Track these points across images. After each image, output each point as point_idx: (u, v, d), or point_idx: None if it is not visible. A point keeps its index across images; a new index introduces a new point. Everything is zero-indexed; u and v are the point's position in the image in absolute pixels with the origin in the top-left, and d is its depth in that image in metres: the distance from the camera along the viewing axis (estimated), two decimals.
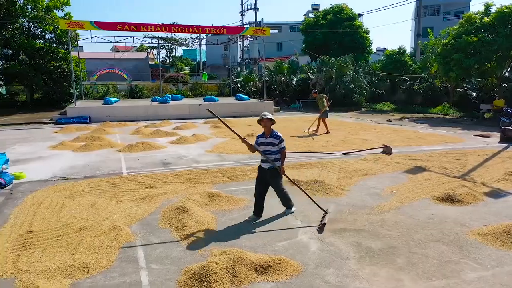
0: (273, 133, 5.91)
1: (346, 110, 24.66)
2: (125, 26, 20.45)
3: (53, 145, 12.44)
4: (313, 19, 34.92)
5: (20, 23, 24.26)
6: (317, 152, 11.07)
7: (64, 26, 20.58)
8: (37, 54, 23.91)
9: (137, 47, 58.42)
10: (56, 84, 25.02)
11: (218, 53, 64.00)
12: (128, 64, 46.68)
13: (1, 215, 6.28)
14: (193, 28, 22.51)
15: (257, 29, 26.04)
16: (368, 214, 6.25)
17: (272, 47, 51.21)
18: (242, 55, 50.67)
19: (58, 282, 4.18)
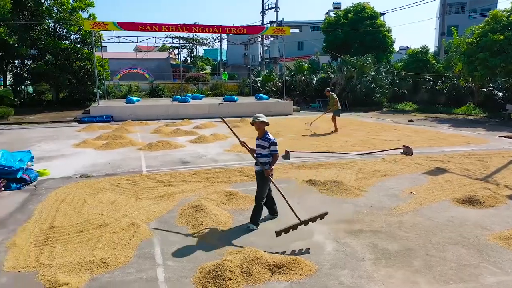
0: (265, 136, 5.62)
1: (367, 110, 24.39)
2: (146, 26, 20.77)
3: (76, 143, 12.75)
4: (334, 18, 34.64)
5: (46, 24, 24.92)
6: (336, 152, 10.99)
7: (88, 27, 21.05)
8: (62, 54, 24.51)
9: (159, 47, 59.16)
10: (80, 83, 25.60)
11: (239, 53, 64.20)
12: (150, 64, 47.35)
13: (26, 211, 6.50)
14: (214, 28, 22.66)
15: (277, 29, 26.01)
16: (385, 216, 6.18)
17: (293, 47, 51.06)
18: (263, 54, 50.69)
19: (78, 277, 4.31)
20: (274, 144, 5.59)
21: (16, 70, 26.51)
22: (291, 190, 7.48)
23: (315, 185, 7.71)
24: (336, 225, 5.79)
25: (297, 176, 8.46)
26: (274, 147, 5.59)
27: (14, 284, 4.22)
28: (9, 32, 21.96)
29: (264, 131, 5.65)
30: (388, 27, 33.07)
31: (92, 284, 4.19)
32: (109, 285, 4.17)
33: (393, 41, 33.10)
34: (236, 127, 16.44)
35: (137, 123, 18.04)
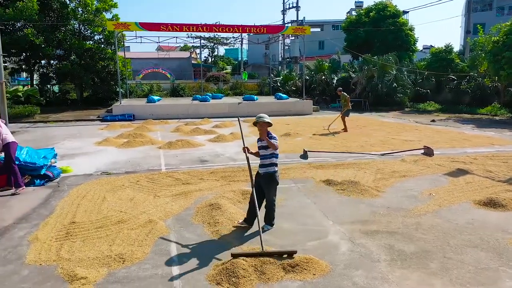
0: (268, 135, 5.47)
1: (388, 110, 24.06)
2: (168, 26, 21.04)
3: (98, 141, 13.03)
4: (355, 17, 34.28)
5: (71, 25, 25.54)
6: (354, 152, 10.89)
7: (111, 27, 21.47)
8: (86, 54, 25.08)
9: (180, 47, 59.80)
10: (103, 83, 26.16)
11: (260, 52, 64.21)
12: (172, 64, 47.93)
13: (49, 206, 6.69)
14: (234, 28, 22.76)
15: (297, 28, 25.91)
16: (403, 217, 6.10)
17: (314, 46, 50.78)
18: (283, 54, 50.58)
19: (95, 271, 4.42)
20: (274, 138, 5.50)
21: (43, 70, 27.29)
22: (308, 190, 7.47)
23: (332, 185, 7.67)
24: (352, 225, 5.75)
25: (315, 176, 8.43)
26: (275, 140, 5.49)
27: (35, 276, 4.36)
28: (36, 33, 22.62)
29: (267, 132, 5.48)
30: (411, 25, 32.51)
31: (109, 279, 4.29)
32: (125, 280, 4.26)
33: (416, 40, 32.52)
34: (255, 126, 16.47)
35: (157, 122, 18.30)
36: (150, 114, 19.89)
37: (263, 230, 5.30)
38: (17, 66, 26.55)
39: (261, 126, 5.48)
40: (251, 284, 4.13)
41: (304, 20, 51.40)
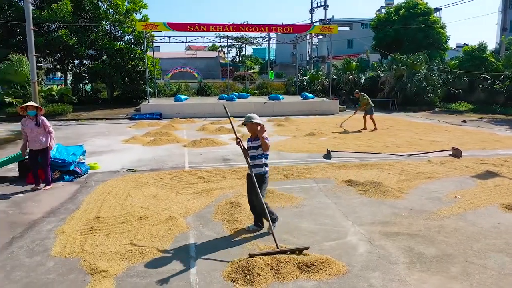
0: (257, 136, 5.34)
1: (417, 110, 23.50)
2: (195, 26, 21.31)
3: (126, 139, 13.37)
4: (385, 15, 33.64)
5: (103, 26, 26.28)
6: (379, 153, 10.72)
7: (140, 28, 21.95)
8: (117, 54, 25.75)
9: (209, 46, 60.44)
10: (133, 82, 26.79)
11: (288, 52, 64.07)
12: (200, 63, 48.54)
13: (76, 201, 6.94)
14: (260, 27, 22.79)
15: (324, 27, 25.69)
16: (425, 219, 5.97)
17: (343, 45, 50.19)
18: (311, 53, 50.24)
19: (116, 264, 4.56)
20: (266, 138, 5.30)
21: (76, 69, 28.23)
22: (329, 190, 7.43)
23: (354, 186, 7.59)
24: (372, 226, 5.68)
25: (337, 176, 8.36)
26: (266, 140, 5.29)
27: (59, 268, 4.54)
28: (70, 34, 23.41)
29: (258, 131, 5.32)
30: (443, 23, 31.60)
31: (128, 272, 4.41)
32: (144, 274, 4.37)
33: (448, 38, 31.61)
34: (280, 125, 16.51)
35: (184, 120, 18.58)
36: (177, 113, 20.21)
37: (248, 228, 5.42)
38: (52, 66, 27.57)
39: (250, 127, 5.34)
40: (266, 282, 4.16)
41: (333, 19, 50.90)
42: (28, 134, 7.54)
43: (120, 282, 4.22)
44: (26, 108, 7.59)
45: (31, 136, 7.52)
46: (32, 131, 7.50)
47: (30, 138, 7.54)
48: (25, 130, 7.58)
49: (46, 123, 7.66)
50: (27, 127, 7.53)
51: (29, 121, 7.55)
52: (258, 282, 4.14)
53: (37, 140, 7.54)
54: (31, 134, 7.51)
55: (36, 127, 7.52)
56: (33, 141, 7.54)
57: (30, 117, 7.57)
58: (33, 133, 7.50)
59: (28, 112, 7.55)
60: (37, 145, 7.57)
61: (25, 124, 7.58)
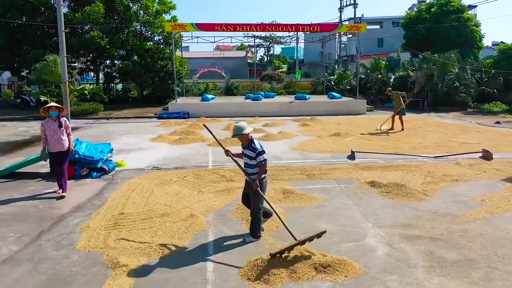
0: (250, 145, 5.16)
1: (448, 110, 22.82)
2: (222, 26, 21.50)
3: (153, 137, 13.66)
4: (415, 13, 32.80)
5: (134, 27, 26.90)
6: (405, 154, 10.50)
7: (169, 28, 22.33)
8: (146, 54, 26.30)
9: (237, 46, 60.74)
10: (162, 82, 27.29)
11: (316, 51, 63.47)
12: (228, 63, 48.83)
13: (102, 197, 7.18)
14: (287, 27, 22.73)
15: (352, 26, 25.33)
16: (449, 223, 5.83)
17: (373, 44, 49.33)
18: (339, 52, 49.65)
19: (136, 260, 4.70)
20: (261, 153, 5.11)
21: (107, 69, 29.03)
22: (350, 191, 7.36)
23: (377, 187, 7.48)
24: (392, 229, 5.60)
25: (360, 177, 8.27)
26: (261, 157, 5.11)
27: (83, 261, 4.72)
28: (102, 35, 24.09)
29: (249, 140, 5.19)
30: (477, 21, 30.53)
31: (148, 268, 4.54)
32: (162, 270, 4.49)
33: (482, 36, 30.49)
34: (306, 125, 16.43)
35: (210, 119, 18.78)
36: (204, 112, 20.45)
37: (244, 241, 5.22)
38: (85, 66, 28.46)
39: (240, 139, 5.24)
40: (281, 282, 4.18)
41: (362, 18, 50.10)
42: (49, 137, 7.17)
43: (139, 276, 4.35)
44: (48, 109, 7.22)
45: (53, 138, 7.17)
46: (55, 132, 7.17)
47: (52, 141, 7.18)
48: (46, 132, 7.17)
49: (68, 124, 7.45)
50: (49, 129, 7.16)
51: (51, 122, 7.21)
52: (274, 282, 4.18)
53: (60, 142, 7.23)
54: (53, 136, 7.16)
55: (59, 128, 7.19)
56: (56, 143, 7.20)
57: (53, 119, 7.24)
58: (56, 135, 7.18)
59: (51, 113, 7.21)
60: (60, 147, 7.25)
61: (46, 126, 7.19)
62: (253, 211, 5.24)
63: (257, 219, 5.25)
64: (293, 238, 4.75)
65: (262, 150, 5.16)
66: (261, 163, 5.14)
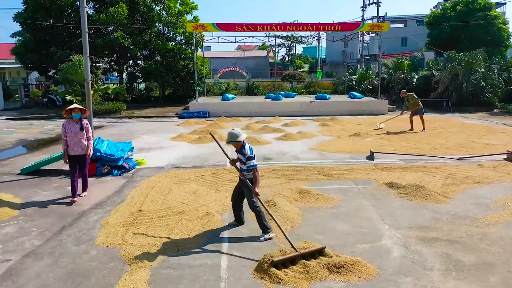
0: (241, 150, 5.33)
1: (473, 110, 22.24)
2: (243, 26, 21.58)
3: (173, 136, 13.86)
4: (440, 11, 32.12)
5: (156, 27, 27.31)
6: (425, 155, 10.31)
7: (190, 28, 22.58)
8: (168, 54, 26.66)
9: (259, 46, 60.82)
10: (183, 81, 27.61)
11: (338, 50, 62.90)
12: (249, 62, 48.98)
13: (121, 195, 7.34)
14: (308, 26, 22.64)
15: (374, 25, 25.00)
16: (468, 226, 5.71)
17: (396, 43, 48.52)
18: (361, 51, 49.07)
19: (152, 256, 4.80)
20: (250, 159, 5.24)
21: (130, 69, 29.56)
22: (368, 192, 7.29)
23: (395, 188, 7.39)
24: (409, 231, 5.52)
25: (378, 178, 8.17)
26: (250, 162, 5.23)
27: (101, 257, 4.85)
28: (125, 35, 24.56)
29: (242, 145, 5.35)
30: (505, 19, 29.65)
31: (163, 264, 4.63)
32: (177, 267, 4.57)
33: (510, 34, 29.59)
34: (325, 125, 16.34)
35: (230, 119, 18.89)
36: (224, 111, 20.57)
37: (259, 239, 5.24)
38: (109, 66, 29.07)
39: (235, 145, 5.41)
40: (294, 281, 4.19)
41: (386, 16, 49.36)
42: (69, 139, 6.98)
43: (154, 273, 4.44)
44: (71, 111, 7.06)
45: (73, 140, 6.98)
46: (76, 135, 6.98)
47: (72, 143, 6.98)
48: (67, 134, 6.98)
49: (89, 128, 7.27)
50: (70, 131, 6.97)
51: (72, 124, 7.04)
52: (286, 281, 4.19)
53: (80, 145, 7.05)
54: (74, 139, 6.97)
55: (80, 131, 7.01)
56: (76, 145, 7.02)
57: (74, 120, 7.07)
58: (76, 137, 6.98)
59: (73, 115, 7.04)
60: (79, 150, 7.07)
61: (67, 128, 7.00)
62: (251, 207, 5.36)
63: (258, 213, 5.32)
64: (294, 248, 4.64)
65: (252, 156, 5.29)
66: (251, 168, 5.25)
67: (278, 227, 5.03)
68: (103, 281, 4.29)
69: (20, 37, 26.42)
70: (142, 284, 4.17)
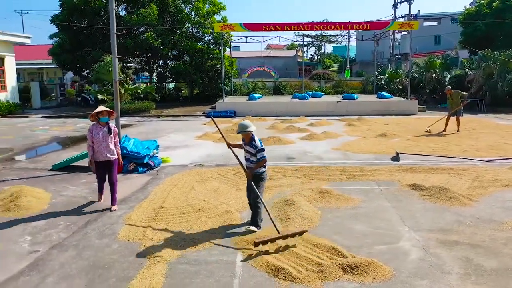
0: (251, 142, 5.51)
1: (508, 111, 21.37)
2: (270, 26, 21.62)
3: (199, 135, 14.08)
4: (474, 8, 31.03)
5: (185, 28, 27.78)
6: (452, 156, 10.04)
7: (218, 29, 22.83)
8: (197, 54, 27.05)
9: (288, 45, 60.68)
10: (211, 81, 27.96)
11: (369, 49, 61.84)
12: (278, 62, 48.97)
13: (145, 191, 7.55)
14: (335, 25, 22.42)
15: (404, 23, 24.47)
16: (492, 230, 5.54)
17: (429, 41, 47.24)
18: (392, 50, 48.06)
19: (171, 251, 4.93)
20: (261, 151, 5.47)
21: (160, 69, 30.19)
22: (390, 193, 7.19)
23: (418, 190, 7.25)
24: (429, 233, 5.42)
25: (402, 179, 8.03)
26: (261, 154, 5.48)
27: (122, 250, 5.03)
28: (155, 36, 25.11)
29: (251, 137, 5.54)
30: None
31: (180, 260, 4.75)
32: (193, 262, 4.68)
33: None
34: (352, 125, 16.16)
35: (256, 118, 18.96)
36: (250, 111, 20.68)
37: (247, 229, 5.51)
38: (140, 66, 29.79)
39: (245, 135, 5.58)
40: (307, 279, 4.21)
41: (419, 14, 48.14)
42: (97, 144, 6.48)
43: (171, 267, 4.56)
44: (98, 114, 6.54)
45: (102, 146, 6.48)
46: (104, 139, 6.48)
47: (101, 148, 6.49)
48: (93, 139, 6.49)
49: (116, 131, 6.83)
50: (97, 136, 6.47)
51: (99, 128, 6.53)
52: (299, 279, 4.22)
53: (108, 150, 6.54)
54: (102, 143, 6.47)
55: (108, 134, 6.53)
56: (105, 150, 6.51)
57: (101, 124, 6.57)
58: (104, 141, 6.49)
59: (101, 119, 6.52)
60: (109, 155, 6.55)
61: (94, 132, 6.50)
62: (253, 201, 5.58)
63: (257, 209, 5.53)
64: (277, 231, 5.07)
65: (262, 148, 5.51)
66: (260, 160, 5.49)
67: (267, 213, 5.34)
68: (122, 273, 4.45)
69: (56, 39, 27.48)
70: (158, 278, 4.30)
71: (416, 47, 46.39)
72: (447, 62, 28.97)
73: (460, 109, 14.20)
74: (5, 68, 23.98)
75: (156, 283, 4.20)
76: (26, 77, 35.97)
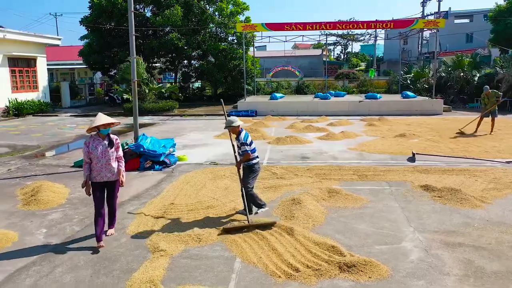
0: (238, 136, 5.93)
1: None
2: (291, 26, 21.63)
3: (218, 134, 14.28)
4: (506, 5, 29.93)
5: (209, 28, 28.12)
6: (470, 157, 9.81)
7: (240, 29, 23.01)
8: (220, 54, 27.34)
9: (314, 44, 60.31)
10: (234, 80, 28.20)
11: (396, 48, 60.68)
12: (303, 61, 48.73)
13: (159, 188, 7.78)
14: (359, 24, 22.20)
15: (429, 21, 23.89)
16: (500, 232, 5.43)
17: (461, 39, 45.88)
18: (420, 49, 46.98)
19: (175, 246, 5.10)
20: (243, 144, 5.84)
21: (184, 69, 30.70)
22: (400, 194, 7.14)
23: (429, 191, 7.16)
24: (434, 234, 5.37)
25: (414, 180, 7.94)
26: (244, 148, 5.84)
27: (129, 244, 5.24)
28: (180, 37, 25.56)
29: (239, 132, 5.95)
30: None
31: (183, 254, 4.92)
32: (195, 257, 4.83)
33: None
34: (372, 125, 15.99)
35: (276, 118, 19.05)
36: (271, 110, 20.76)
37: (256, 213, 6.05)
38: (164, 66, 30.39)
39: (232, 131, 6.00)
40: (303, 276, 4.29)
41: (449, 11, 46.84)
42: (95, 161, 5.17)
43: (174, 261, 4.73)
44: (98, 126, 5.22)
45: (100, 162, 5.18)
46: (104, 155, 5.19)
47: (99, 166, 5.18)
48: (91, 155, 5.17)
49: (119, 144, 5.46)
50: (95, 151, 5.16)
51: (98, 141, 5.23)
52: (295, 276, 4.30)
53: (109, 168, 5.24)
54: (101, 160, 5.17)
55: (108, 148, 5.24)
56: (104, 169, 5.21)
57: (101, 136, 5.27)
58: (104, 157, 5.19)
59: (101, 130, 5.24)
60: (109, 175, 5.27)
61: (92, 147, 5.18)
62: (244, 188, 5.90)
63: (249, 195, 5.93)
64: (247, 220, 5.63)
65: (245, 142, 5.87)
66: (244, 153, 5.87)
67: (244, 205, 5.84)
68: (126, 266, 4.65)
69: (86, 40, 28.41)
70: (160, 271, 4.47)
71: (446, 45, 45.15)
72: (477, 60, 28.09)
73: (494, 109, 13.66)
74: (37, 69, 24.99)
75: (157, 275, 4.37)
76: (59, 77, 37.32)
